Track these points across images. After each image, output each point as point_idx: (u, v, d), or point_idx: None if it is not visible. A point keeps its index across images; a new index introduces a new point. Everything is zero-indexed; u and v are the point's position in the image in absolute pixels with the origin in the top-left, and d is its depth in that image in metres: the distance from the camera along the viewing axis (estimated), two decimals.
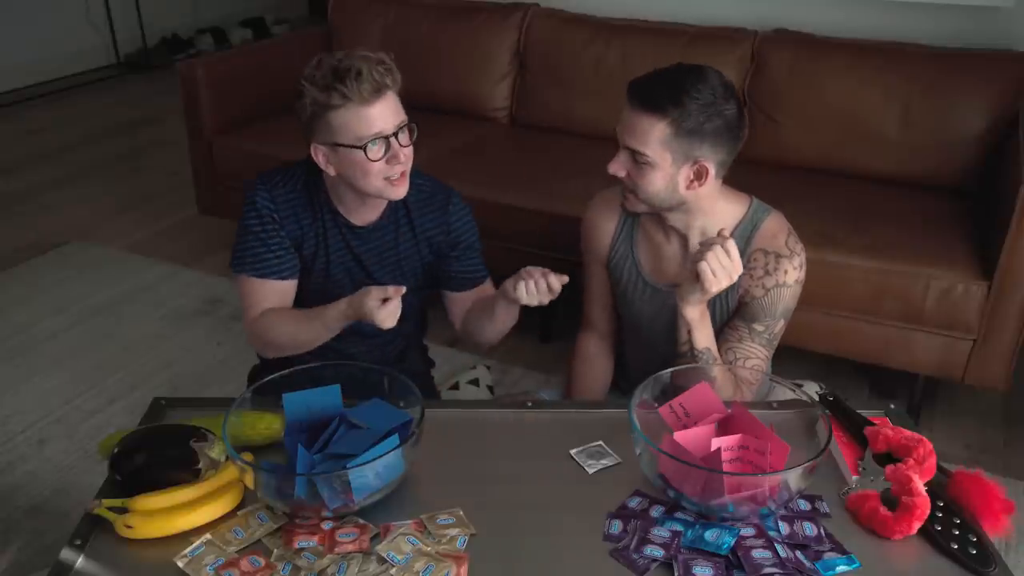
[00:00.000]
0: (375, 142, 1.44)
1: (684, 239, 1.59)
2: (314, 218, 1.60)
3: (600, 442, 1.32)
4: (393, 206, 1.61)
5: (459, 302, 1.72)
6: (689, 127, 1.43)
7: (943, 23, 2.77)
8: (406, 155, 1.50)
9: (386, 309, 1.39)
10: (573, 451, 1.30)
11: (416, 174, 1.58)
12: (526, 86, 3.19)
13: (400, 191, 1.52)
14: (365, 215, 1.60)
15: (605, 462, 1.28)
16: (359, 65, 1.41)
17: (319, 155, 1.50)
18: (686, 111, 1.42)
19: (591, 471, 1.27)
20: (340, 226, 1.60)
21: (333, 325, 1.51)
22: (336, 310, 1.49)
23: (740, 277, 1.54)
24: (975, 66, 2.60)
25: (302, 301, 1.64)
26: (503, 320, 1.60)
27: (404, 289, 1.41)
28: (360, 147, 1.44)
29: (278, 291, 1.60)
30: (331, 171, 1.51)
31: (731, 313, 1.60)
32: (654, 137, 1.44)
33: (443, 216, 1.65)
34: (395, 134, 1.47)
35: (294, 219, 1.59)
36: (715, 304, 1.58)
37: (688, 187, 1.49)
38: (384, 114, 1.45)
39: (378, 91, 1.43)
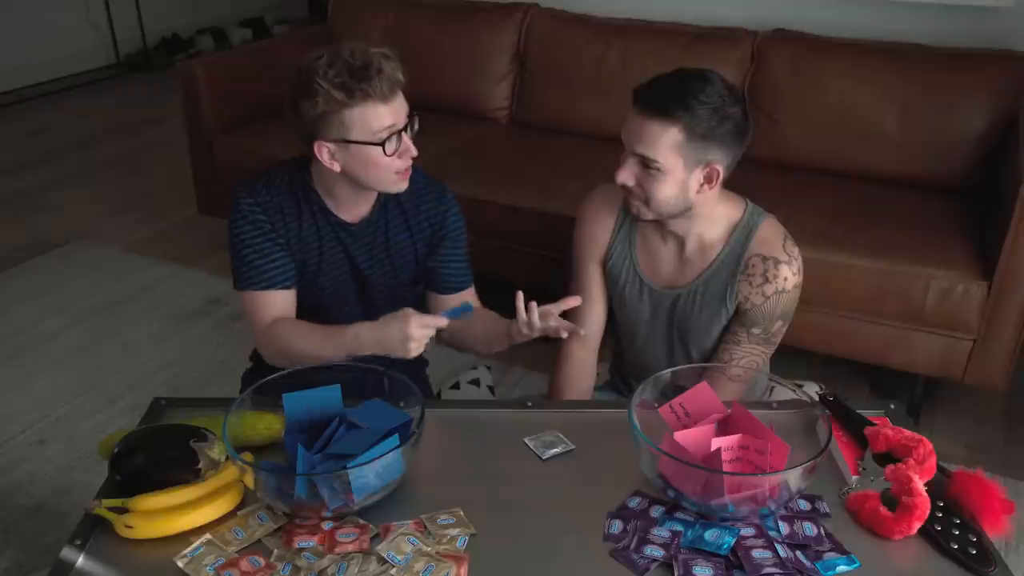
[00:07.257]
0: (391, 138, 1.45)
1: (681, 242, 1.58)
2: (303, 218, 1.59)
3: (555, 430, 1.34)
4: (383, 200, 1.62)
5: (440, 305, 1.70)
6: (701, 131, 1.42)
7: (943, 23, 2.77)
8: (414, 146, 1.52)
9: (418, 340, 1.42)
10: (527, 439, 1.32)
11: None
12: (526, 86, 3.19)
13: (405, 183, 1.54)
14: (356, 211, 1.60)
15: (556, 450, 1.31)
16: (378, 62, 1.42)
17: (323, 152, 1.48)
18: (696, 116, 1.41)
19: (544, 457, 1.29)
20: (331, 224, 1.60)
21: (353, 350, 1.48)
22: (364, 335, 1.47)
23: (739, 284, 1.54)
24: (975, 66, 2.60)
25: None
26: (501, 343, 1.61)
27: (446, 322, 1.45)
28: (378, 143, 1.45)
29: (281, 301, 1.60)
30: (335, 168, 1.50)
31: (730, 319, 1.59)
32: (665, 143, 1.43)
33: (438, 207, 1.66)
34: (405, 127, 1.48)
35: (282, 221, 1.58)
36: (713, 312, 1.58)
37: (699, 191, 1.48)
38: (397, 109, 1.46)
39: (393, 88, 1.45)
